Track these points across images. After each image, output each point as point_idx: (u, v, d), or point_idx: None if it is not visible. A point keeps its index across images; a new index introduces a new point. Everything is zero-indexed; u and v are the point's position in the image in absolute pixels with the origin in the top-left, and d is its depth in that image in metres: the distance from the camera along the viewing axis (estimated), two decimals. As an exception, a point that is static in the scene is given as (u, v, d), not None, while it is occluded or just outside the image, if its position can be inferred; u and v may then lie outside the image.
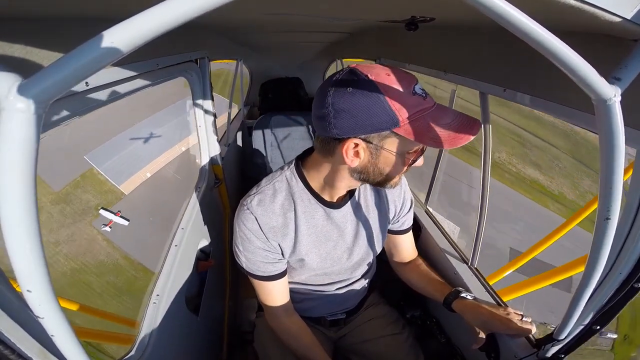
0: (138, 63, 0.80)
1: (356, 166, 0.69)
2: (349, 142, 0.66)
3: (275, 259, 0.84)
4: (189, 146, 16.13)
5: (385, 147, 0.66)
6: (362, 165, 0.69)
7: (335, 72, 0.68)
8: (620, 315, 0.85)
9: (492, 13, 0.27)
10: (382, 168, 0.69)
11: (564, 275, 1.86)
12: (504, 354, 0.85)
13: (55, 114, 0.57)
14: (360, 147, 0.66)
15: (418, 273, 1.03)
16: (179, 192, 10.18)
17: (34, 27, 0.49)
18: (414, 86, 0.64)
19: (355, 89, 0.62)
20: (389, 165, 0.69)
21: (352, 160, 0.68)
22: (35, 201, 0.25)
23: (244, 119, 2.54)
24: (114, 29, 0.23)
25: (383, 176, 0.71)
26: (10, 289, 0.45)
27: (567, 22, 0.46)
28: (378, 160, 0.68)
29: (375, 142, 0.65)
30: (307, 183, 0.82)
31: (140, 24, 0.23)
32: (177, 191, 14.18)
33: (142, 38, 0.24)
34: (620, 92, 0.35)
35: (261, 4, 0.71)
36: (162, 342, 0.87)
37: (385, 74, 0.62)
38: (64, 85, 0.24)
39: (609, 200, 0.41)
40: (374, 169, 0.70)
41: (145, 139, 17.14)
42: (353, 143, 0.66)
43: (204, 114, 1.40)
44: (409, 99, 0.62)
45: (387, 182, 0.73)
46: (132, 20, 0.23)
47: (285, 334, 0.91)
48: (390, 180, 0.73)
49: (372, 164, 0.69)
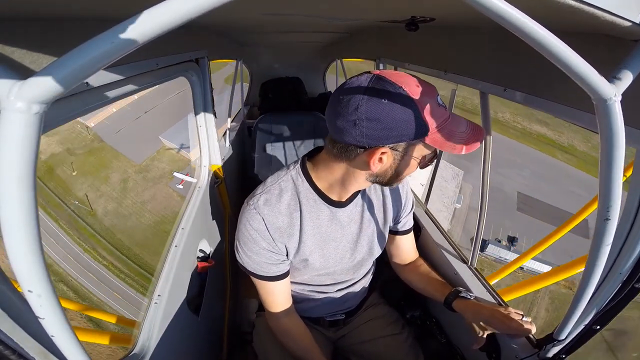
0: (138, 63, 0.80)
1: (378, 170, 0.71)
2: (377, 151, 0.66)
3: (279, 260, 0.84)
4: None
5: (409, 153, 0.69)
6: (382, 170, 0.71)
7: (357, 77, 0.67)
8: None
9: (492, 13, 0.27)
10: (400, 171, 0.72)
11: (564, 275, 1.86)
12: (504, 354, 0.85)
13: (55, 114, 0.57)
14: (387, 154, 0.67)
15: (418, 273, 1.03)
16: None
17: (34, 27, 0.49)
18: (437, 97, 0.67)
19: (390, 101, 0.62)
20: (407, 168, 0.72)
21: (375, 166, 0.69)
22: (35, 201, 0.25)
23: (244, 119, 2.54)
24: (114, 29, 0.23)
25: (397, 177, 0.74)
26: (11, 289, 0.44)
27: (567, 22, 0.46)
28: (399, 164, 0.70)
29: (402, 149, 0.68)
30: (313, 183, 0.82)
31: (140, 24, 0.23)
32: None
33: (142, 38, 0.24)
34: (621, 92, 0.35)
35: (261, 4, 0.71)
36: (162, 342, 0.86)
37: (415, 85, 0.64)
38: (64, 85, 0.23)
39: (609, 200, 0.41)
40: (392, 172, 0.72)
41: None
42: (381, 151, 0.66)
43: (204, 114, 1.40)
44: (436, 109, 0.66)
45: (398, 181, 0.76)
46: (132, 20, 0.23)
47: (284, 335, 0.91)
48: (401, 179, 0.76)
49: (392, 168, 0.71)
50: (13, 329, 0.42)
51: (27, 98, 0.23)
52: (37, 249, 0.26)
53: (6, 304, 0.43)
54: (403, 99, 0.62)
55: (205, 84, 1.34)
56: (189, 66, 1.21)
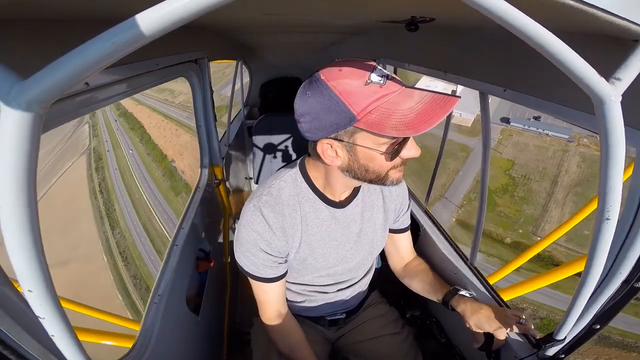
0: (138, 63, 0.80)
1: (340, 165, 0.70)
2: (321, 144, 0.67)
3: (276, 262, 0.83)
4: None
5: (357, 143, 0.64)
6: (346, 164, 0.69)
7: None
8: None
9: (492, 13, 0.27)
10: (365, 164, 0.68)
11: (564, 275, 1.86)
12: (504, 354, 0.85)
13: (55, 114, 0.57)
14: (335, 146, 0.67)
15: (416, 273, 1.03)
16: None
17: (34, 27, 0.49)
18: (370, 75, 0.60)
19: (311, 92, 0.64)
20: (370, 161, 0.67)
21: (332, 160, 0.68)
22: (35, 201, 0.25)
23: (244, 119, 2.54)
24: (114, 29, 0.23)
25: (372, 173, 0.69)
26: (11, 289, 0.45)
27: (567, 22, 0.46)
28: (357, 157, 0.67)
29: (346, 139, 0.65)
30: (312, 183, 0.82)
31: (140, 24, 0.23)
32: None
33: (142, 38, 0.24)
34: (620, 93, 0.35)
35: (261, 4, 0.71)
36: (162, 341, 0.87)
37: (338, 69, 0.62)
38: (64, 85, 0.23)
39: (609, 200, 0.41)
40: (358, 166, 0.68)
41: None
42: (325, 144, 0.67)
43: (204, 114, 1.40)
44: (361, 90, 0.60)
45: (383, 179, 0.70)
46: (132, 21, 0.23)
47: (274, 332, 0.91)
48: (382, 176, 0.70)
49: (353, 161, 0.68)
50: (13, 329, 0.42)
51: (27, 98, 0.23)
52: (37, 249, 0.26)
53: (6, 304, 0.43)
54: (321, 88, 0.62)
55: (205, 84, 1.34)
56: (189, 66, 1.21)
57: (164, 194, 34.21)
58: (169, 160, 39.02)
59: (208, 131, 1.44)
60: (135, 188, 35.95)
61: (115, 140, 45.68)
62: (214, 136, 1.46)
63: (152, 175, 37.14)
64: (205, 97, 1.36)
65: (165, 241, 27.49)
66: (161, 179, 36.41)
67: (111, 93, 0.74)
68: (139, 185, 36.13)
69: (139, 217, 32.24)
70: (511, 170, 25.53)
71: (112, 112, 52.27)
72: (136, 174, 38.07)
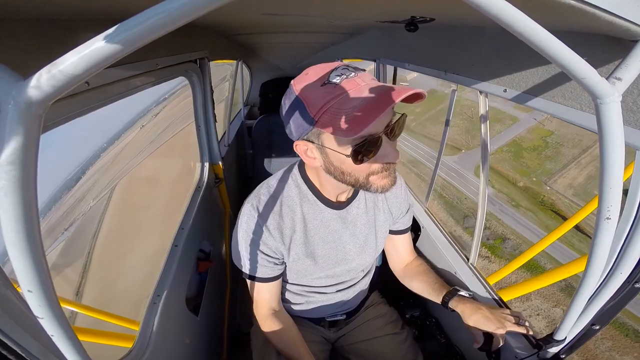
0: (138, 63, 0.80)
1: (320, 166, 0.70)
2: (297, 145, 0.69)
3: (272, 262, 0.83)
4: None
5: (325, 145, 0.64)
6: (324, 166, 0.69)
7: None
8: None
9: (492, 13, 0.27)
10: (339, 167, 0.66)
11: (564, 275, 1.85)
12: (504, 354, 0.85)
13: (55, 114, 0.57)
14: (309, 148, 0.68)
15: (416, 273, 1.03)
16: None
17: (34, 27, 0.49)
18: (329, 75, 0.58)
19: (285, 96, 0.66)
20: (341, 164, 0.65)
21: (311, 161, 0.70)
22: (35, 201, 0.25)
23: (244, 119, 2.54)
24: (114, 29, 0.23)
25: (349, 176, 0.66)
26: (11, 289, 0.44)
27: (567, 22, 0.46)
28: (330, 159, 0.66)
29: (315, 141, 0.65)
30: (311, 184, 0.82)
31: (140, 24, 0.23)
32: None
33: (142, 38, 0.24)
34: (620, 93, 0.35)
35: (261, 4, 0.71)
36: (162, 342, 0.86)
37: (305, 73, 0.64)
38: (64, 85, 0.23)
39: (609, 200, 0.41)
40: (333, 169, 0.67)
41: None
42: (302, 145, 0.68)
43: (204, 114, 1.40)
44: (316, 91, 0.58)
45: (363, 184, 0.67)
46: (132, 20, 0.23)
47: (269, 330, 0.90)
48: (362, 182, 0.66)
49: (328, 163, 0.67)
50: (13, 329, 0.42)
51: (27, 98, 0.23)
52: (37, 249, 0.26)
53: (6, 304, 0.43)
54: (290, 92, 0.65)
55: (205, 84, 1.34)
56: (189, 66, 1.21)
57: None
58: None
59: (208, 131, 1.44)
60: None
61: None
62: (213, 136, 1.46)
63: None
64: (205, 97, 1.36)
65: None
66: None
67: (111, 93, 0.74)
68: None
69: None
70: (548, 137, 25.83)
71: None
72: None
